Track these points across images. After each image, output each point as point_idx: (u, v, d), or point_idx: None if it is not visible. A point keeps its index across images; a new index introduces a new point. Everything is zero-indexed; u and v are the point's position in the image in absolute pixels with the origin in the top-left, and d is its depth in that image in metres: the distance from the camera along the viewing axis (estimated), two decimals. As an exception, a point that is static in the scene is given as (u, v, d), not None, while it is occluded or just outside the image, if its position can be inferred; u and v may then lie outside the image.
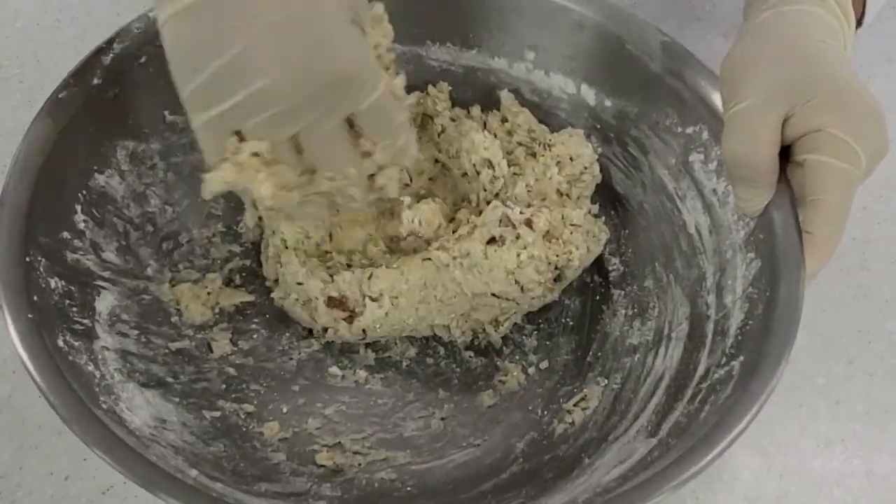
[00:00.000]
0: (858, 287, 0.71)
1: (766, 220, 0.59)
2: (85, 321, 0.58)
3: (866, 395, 0.67)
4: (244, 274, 0.70)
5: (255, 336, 0.67)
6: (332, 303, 0.65)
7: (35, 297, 0.54)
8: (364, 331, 0.65)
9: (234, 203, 0.70)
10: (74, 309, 0.57)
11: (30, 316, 0.53)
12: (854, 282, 0.72)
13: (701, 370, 0.59)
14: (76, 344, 0.55)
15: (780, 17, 0.60)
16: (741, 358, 0.56)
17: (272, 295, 0.67)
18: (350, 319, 0.65)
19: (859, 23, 0.67)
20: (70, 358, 0.54)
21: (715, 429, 0.52)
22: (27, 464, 0.62)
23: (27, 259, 0.55)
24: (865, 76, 0.84)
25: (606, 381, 0.65)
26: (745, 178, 0.58)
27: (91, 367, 0.55)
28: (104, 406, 0.53)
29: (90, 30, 0.84)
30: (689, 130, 0.66)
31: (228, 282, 0.69)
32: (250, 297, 0.69)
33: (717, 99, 0.64)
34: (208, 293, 0.67)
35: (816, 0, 0.61)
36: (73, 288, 0.58)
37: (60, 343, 0.54)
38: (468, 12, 0.72)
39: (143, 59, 0.64)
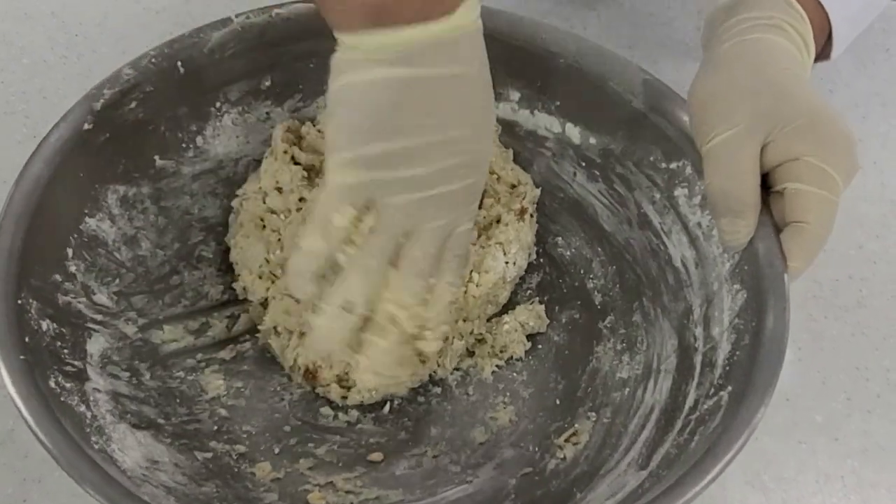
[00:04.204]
0: (856, 325, 0.72)
1: (751, 252, 0.60)
2: (76, 363, 0.58)
3: (864, 432, 0.68)
4: (236, 315, 0.70)
5: (246, 377, 0.67)
6: (307, 376, 0.66)
7: (27, 339, 0.54)
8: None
9: (224, 246, 0.71)
10: (66, 351, 0.58)
11: (21, 357, 0.53)
12: (851, 319, 0.72)
13: (690, 402, 0.59)
14: (68, 385, 0.56)
15: (743, 47, 0.62)
16: (729, 388, 0.56)
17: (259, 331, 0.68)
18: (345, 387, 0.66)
19: (827, 56, 0.69)
20: (62, 399, 0.54)
21: (704, 459, 0.52)
22: (30, 497, 0.62)
23: (19, 301, 0.55)
24: (860, 116, 0.85)
25: (597, 415, 0.65)
26: (731, 209, 0.59)
27: (83, 408, 0.56)
28: (96, 446, 0.53)
29: (96, 67, 0.85)
30: (673, 166, 0.67)
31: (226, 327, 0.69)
32: (243, 347, 0.69)
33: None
34: (197, 334, 0.67)
35: (777, 29, 0.62)
36: (64, 330, 0.58)
37: (52, 384, 0.54)
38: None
39: (132, 105, 0.65)
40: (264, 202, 0.69)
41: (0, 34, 0.88)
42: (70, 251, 0.61)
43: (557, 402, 0.67)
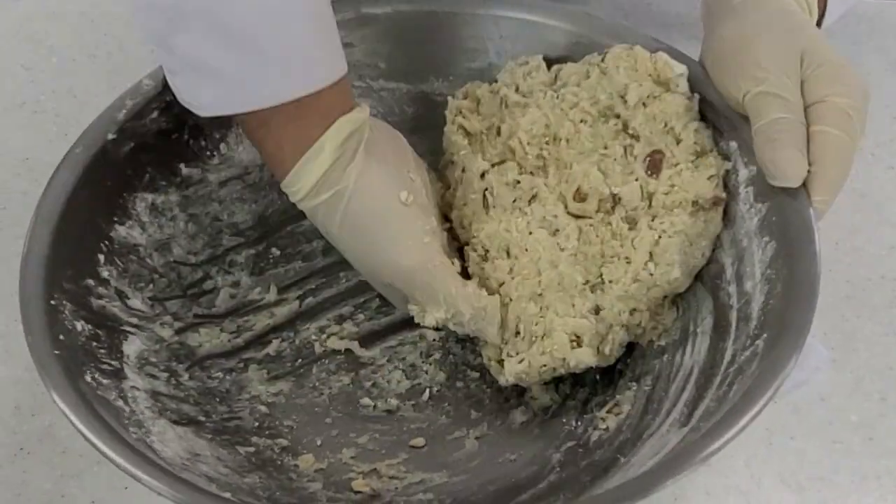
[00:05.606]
0: (889, 325, 0.71)
1: (778, 202, 0.60)
2: (113, 362, 0.59)
3: None
4: (272, 315, 0.71)
5: (285, 375, 0.68)
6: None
7: (61, 336, 0.55)
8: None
9: (256, 251, 0.72)
10: (102, 351, 0.58)
11: (56, 352, 0.54)
12: (884, 319, 0.71)
13: (728, 357, 0.58)
14: (105, 382, 0.56)
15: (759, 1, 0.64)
16: (764, 336, 0.56)
17: None
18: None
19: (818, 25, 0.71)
20: (99, 393, 0.55)
21: (740, 403, 0.52)
22: (69, 492, 0.62)
23: (52, 302, 0.56)
24: (890, 117, 0.84)
25: (637, 384, 0.64)
26: (794, 143, 0.59)
27: (120, 403, 0.56)
28: (134, 436, 0.54)
29: (124, 65, 0.87)
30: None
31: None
32: (281, 346, 0.70)
33: (725, 106, 0.65)
34: (234, 336, 0.68)
35: None
36: (100, 332, 0.59)
37: (88, 379, 0.55)
38: (468, 45, 0.74)
39: (154, 115, 0.66)
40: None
41: (29, 34, 0.90)
42: (102, 257, 0.62)
43: (597, 377, 0.67)
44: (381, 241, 0.63)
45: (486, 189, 0.67)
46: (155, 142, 0.67)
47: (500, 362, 0.65)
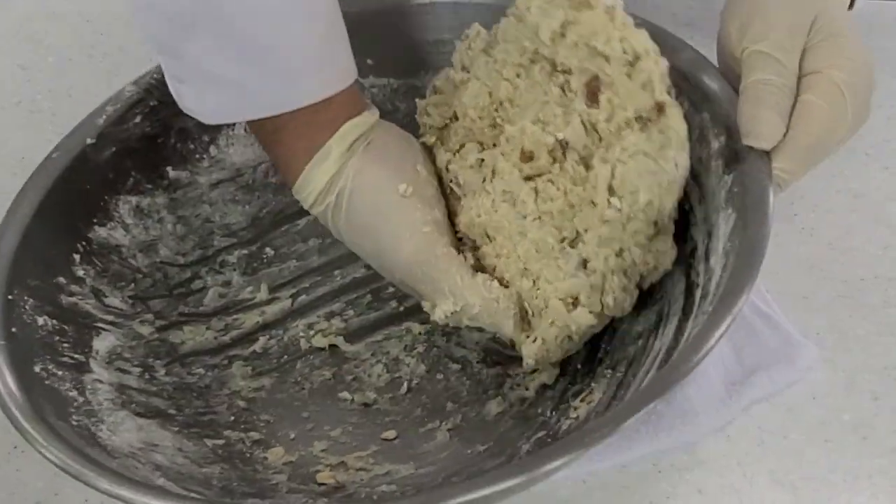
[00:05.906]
0: (883, 325, 0.68)
1: (740, 172, 0.58)
2: (77, 356, 0.60)
3: (893, 431, 0.63)
4: (261, 313, 0.71)
5: (269, 372, 0.68)
6: None
7: (13, 329, 0.57)
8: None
9: (249, 251, 0.73)
10: (66, 345, 0.60)
11: (1, 342, 0.56)
12: (878, 319, 0.68)
13: (686, 335, 0.56)
14: (59, 373, 0.58)
15: None
16: (710, 309, 0.53)
17: None
18: None
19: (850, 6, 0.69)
20: (46, 382, 0.57)
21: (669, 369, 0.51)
22: (62, 491, 0.64)
23: (10, 297, 0.58)
24: (885, 117, 0.80)
25: (612, 372, 0.62)
26: (774, 105, 0.58)
27: (73, 393, 0.58)
28: (75, 423, 0.55)
29: (122, 65, 0.89)
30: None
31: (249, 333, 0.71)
32: (269, 344, 0.70)
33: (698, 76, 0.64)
34: (222, 333, 0.69)
35: None
36: (66, 327, 0.61)
37: (37, 370, 0.57)
38: (453, 35, 0.73)
39: (137, 119, 0.69)
40: None
41: (27, 33, 0.93)
42: (77, 257, 0.64)
43: (579, 366, 0.64)
44: (382, 235, 0.63)
45: (451, 180, 0.66)
46: (139, 146, 0.69)
47: None
